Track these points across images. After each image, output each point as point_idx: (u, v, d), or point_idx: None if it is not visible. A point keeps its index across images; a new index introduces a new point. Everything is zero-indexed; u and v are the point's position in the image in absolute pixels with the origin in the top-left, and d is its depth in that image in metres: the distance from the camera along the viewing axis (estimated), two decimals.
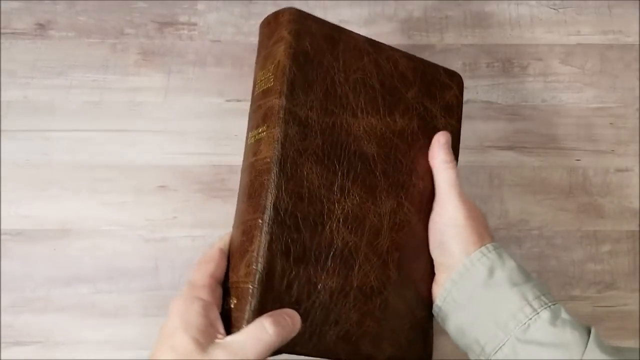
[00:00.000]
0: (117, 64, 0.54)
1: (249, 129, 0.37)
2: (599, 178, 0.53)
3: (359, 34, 0.40)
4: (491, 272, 0.35)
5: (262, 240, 0.33)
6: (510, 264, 0.36)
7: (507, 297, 0.34)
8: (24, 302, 0.50)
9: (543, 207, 0.52)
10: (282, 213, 0.33)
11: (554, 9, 0.56)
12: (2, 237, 0.50)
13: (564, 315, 0.34)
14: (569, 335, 0.32)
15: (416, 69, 0.42)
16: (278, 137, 0.34)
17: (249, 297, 0.32)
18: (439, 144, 0.39)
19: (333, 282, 0.35)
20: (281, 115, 0.34)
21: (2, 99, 0.53)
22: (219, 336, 0.30)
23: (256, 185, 0.35)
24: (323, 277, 0.35)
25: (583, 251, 0.52)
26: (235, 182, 0.52)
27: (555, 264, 0.51)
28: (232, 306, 0.33)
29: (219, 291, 0.34)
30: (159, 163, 0.52)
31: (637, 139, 0.53)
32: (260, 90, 0.37)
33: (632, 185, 0.53)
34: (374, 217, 0.37)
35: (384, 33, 0.55)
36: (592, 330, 0.33)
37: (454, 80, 0.44)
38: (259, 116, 0.36)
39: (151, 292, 0.50)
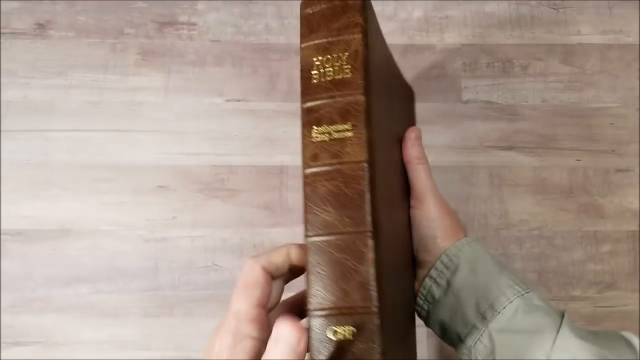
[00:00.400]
0: (116, 64, 0.54)
1: (313, 123, 0.33)
2: (599, 178, 0.53)
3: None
4: (466, 266, 0.36)
5: (373, 257, 0.29)
6: (484, 256, 0.37)
7: (482, 290, 0.35)
8: (23, 302, 0.50)
9: (543, 207, 0.52)
10: (379, 225, 0.30)
11: (554, 8, 0.56)
12: (2, 237, 0.50)
13: (536, 302, 0.34)
14: (541, 321, 0.33)
15: (401, 81, 0.42)
16: (368, 139, 0.31)
17: (376, 322, 0.28)
18: (412, 140, 0.39)
19: (397, 296, 0.34)
20: (368, 115, 0.31)
21: (2, 99, 0.53)
22: None
23: (350, 193, 0.30)
24: (394, 290, 0.33)
25: (583, 251, 0.52)
26: (234, 182, 0.52)
27: (556, 264, 0.51)
28: (346, 336, 0.29)
29: (266, 321, 0.30)
30: (159, 163, 0.52)
31: (638, 139, 0.53)
32: (328, 79, 0.33)
33: (633, 185, 0.53)
34: (399, 228, 0.36)
35: (384, 33, 0.55)
36: (565, 315, 0.34)
37: (413, 97, 0.46)
38: (335, 111, 0.32)
39: (151, 292, 0.50)
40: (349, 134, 0.31)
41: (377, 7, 0.55)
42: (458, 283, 0.36)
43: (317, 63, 0.33)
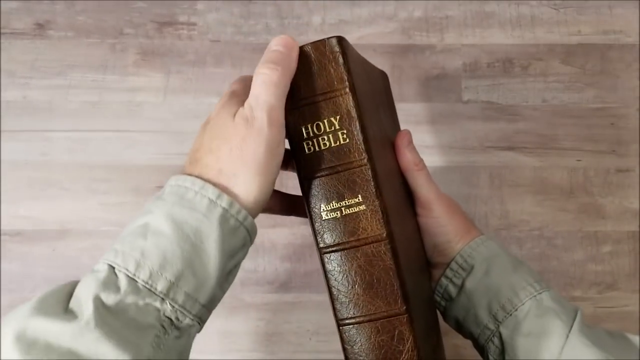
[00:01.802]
0: (116, 64, 0.53)
1: (321, 201, 0.30)
2: (600, 178, 0.53)
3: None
4: (480, 266, 0.36)
5: (414, 337, 0.29)
6: (499, 256, 0.36)
7: (495, 289, 0.35)
8: (23, 302, 0.49)
9: (543, 207, 0.52)
10: (411, 298, 0.29)
11: (555, 8, 0.56)
12: (2, 237, 0.50)
13: (547, 303, 0.34)
14: (551, 324, 0.32)
15: (377, 76, 0.39)
16: (383, 211, 0.29)
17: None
18: (405, 145, 0.36)
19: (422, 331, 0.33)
20: (378, 184, 0.29)
21: (1, 99, 0.52)
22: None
23: (377, 272, 0.29)
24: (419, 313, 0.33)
25: (584, 252, 0.51)
26: None
27: (556, 265, 0.51)
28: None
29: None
30: (158, 163, 0.52)
31: (638, 139, 0.53)
32: (323, 149, 0.29)
33: (633, 185, 0.53)
34: (410, 248, 0.34)
35: (384, 33, 0.55)
36: (577, 317, 0.33)
37: (388, 81, 0.44)
38: (340, 185, 0.29)
39: None
40: (361, 208, 0.29)
41: (378, 7, 0.55)
42: (472, 284, 0.35)
43: (306, 130, 0.30)
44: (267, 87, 0.28)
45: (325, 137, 0.29)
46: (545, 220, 0.52)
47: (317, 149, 0.30)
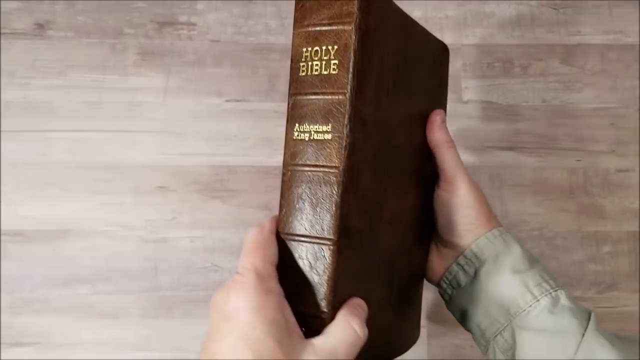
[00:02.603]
0: (116, 64, 0.53)
1: (297, 120, 0.31)
2: (600, 178, 0.53)
3: (397, 6, 0.35)
4: (496, 258, 0.35)
5: (335, 271, 0.29)
6: (515, 250, 0.36)
7: (508, 284, 0.34)
8: (23, 302, 0.50)
9: (543, 207, 0.52)
10: (349, 232, 0.29)
11: (555, 8, 0.56)
12: (2, 237, 0.50)
13: (563, 301, 0.34)
14: (567, 323, 0.32)
15: (428, 46, 0.38)
16: (347, 145, 0.29)
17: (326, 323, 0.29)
18: (438, 123, 0.37)
19: (383, 291, 0.33)
20: (351, 117, 0.29)
21: (1, 99, 0.52)
22: (298, 335, 0.27)
23: (320, 196, 0.29)
24: (376, 288, 0.33)
25: (584, 252, 0.51)
26: (234, 182, 0.52)
27: (556, 265, 0.51)
28: (304, 331, 0.29)
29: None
30: (158, 163, 0.52)
31: (638, 140, 0.53)
32: (315, 74, 0.30)
33: (633, 185, 0.53)
34: (404, 213, 0.35)
35: None
36: (592, 317, 0.33)
37: (445, 55, 0.42)
38: (317, 110, 0.30)
39: (150, 292, 0.50)
40: (328, 136, 0.29)
41: None
42: (486, 275, 0.35)
43: (306, 54, 0.31)
44: (350, 348, 0.27)
45: (319, 63, 0.30)
46: (545, 220, 0.52)
47: (308, 72, 0.31)
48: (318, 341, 0.27)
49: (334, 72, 0.30)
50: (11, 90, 0.53)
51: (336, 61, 0.29)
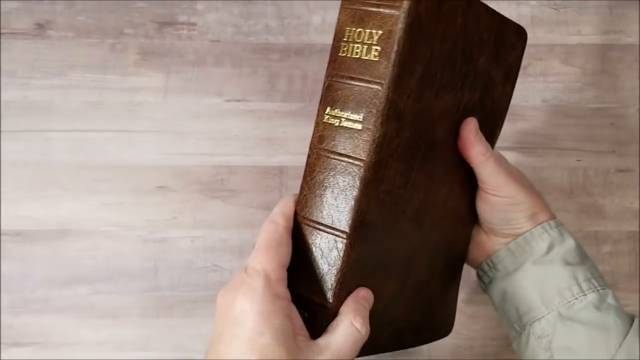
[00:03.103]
0: (116, 64, 0.53)
1: (329, 103, 0.29)
2: (600, 178, 0.53)
3: None
4: (550, 248, 0.35)
5: (345, 265, 0.28)
6: (570, 242, 0.36)
7: (557, 274, 0.34)
8: (23, 302, 0.50)
9: None
10: (366, 227, 0.29)
11: (555, 8, 0.56)
12: (2, 237, 0.50)
13: (610, 300, 0.34)
14: (612, 321, 0.33)
15: (492, 28, 0.34)
16: (377, 139, 0.27)
17: (328, 318, 0.29)
18: (472, 134, 0.34)
19: (394, 285, 0.33)
20: (385, 110, 0.27)
21: (1, 99, 0.52)
22: (305, 337, 0.27)
23: (341, 187, 0.29)
24: (386, 282, 0.32)
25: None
26: (234, 182, 0.52)
27: None
28: (306, 316, 0.29)
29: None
30: (158, 163, 0.52)
31: (638, 139, 0.53)
32: (354, 56, 0.28)
33: (633, 185, 0.53)
34: (432, 209, 0.34)
35: None
36: (636, 321, 0.33)
37: (520, 39, 0.37)
38: (352, 96, 0.28)
39: (150, 292, 0.50)
40: (358, 126, 0.28)
41: None
42: (535, 264, 0.35)
43: (349, 34, 0.29)
44: (353, 346, 0.28)
45: (360, 47, 0.28)
46: None
47: (348, 54, 0.29)
48: (322, 341, 0.27)
49: (374, 59, 0.27)
50: (11, 90, 0.53)
51: (378, 48, 0.27)
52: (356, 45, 0.28)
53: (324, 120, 0.29)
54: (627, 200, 0.52)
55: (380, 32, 0.27)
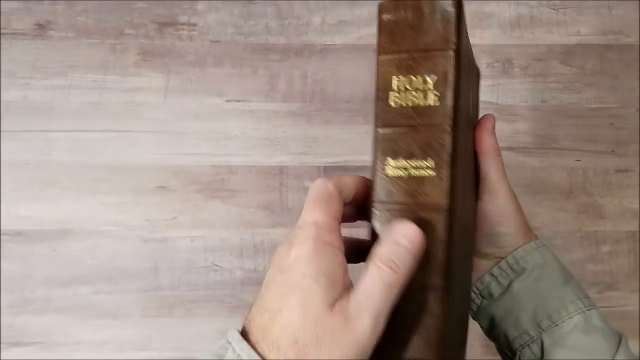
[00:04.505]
0: (116, 65, 0.54)
1: (388, 153, 0.29)
2: (599, 178, 0.53)
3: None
4: (532, 271, 0.35)
5: (445, 314, 0.27)
6: (553, 264, 0.35)
7: (543, 298, 0.34)
8: (23, 302, 0.50)
9: (543, 207, 0.52)
10: (454, 278, 0.28)
11: (554, 9, 0.56)
12: (2, 237, 0.50)
13: (595, 321, 0.33)
14: (599, 344, 0.32)
15: (472, 63, 0.37)
16: (451, 182, 0.27)
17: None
18: (489, 129, 0.36)
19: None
20: (453, 154, 0.27)
21: (2, 100, 0.53)
22: (345, 285, 0.26)
23: (426, 242, 0.28)
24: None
25: (583, 252, 0.51)
26: (234, 182, 0.52)
27: None
28: None
29: (341, 235, 0.28)
30: (159, 163, 0.52)
31: (637, 140, 0.53)
32: (411, 105, 0.29)
33: (632, 185, 0.53)
34: (463, 231, 0.33)
35: None
36: (622, 341, 0.33)
37: (479, 78, 0.39)
38: (415, 143, 0.28)
39: (150, 292, 0.50)
40: (429, 173, 0.28)
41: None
42: (520, 287, 0.35)
43: (397, 83, 0.29)
44: (383, 290, 0.25)
45: (415, 94, 0.28)
46: (545, 220, 0.52)
47: (403, 104, 0.29)
48: (357, 287, 0.26)
49: (434, 104, 0.28)
50: (12, 90, 0.53)
51: (437, 92, 0.28)
52: (409, 93, 0.28)
53: (387, 173, 0.29)
54: (627, 200, 0.52)
55: (435, 76, 0.28)
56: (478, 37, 0.55)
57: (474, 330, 0.38)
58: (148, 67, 0.54)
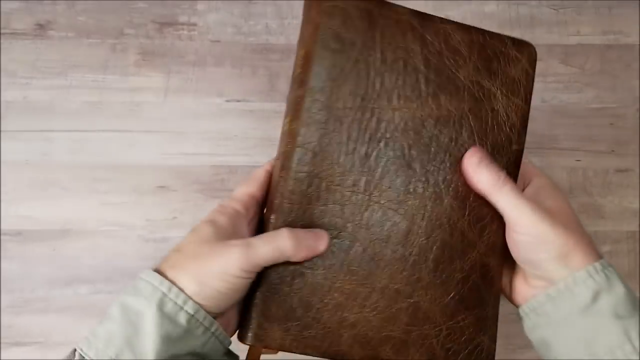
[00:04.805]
0: (116, 64, 0.54)
1: (285, 114, 0.35)
2: (599, 178, 0.53)
3: (404, 7, 0.35)
4: (596, 297, 0.31)
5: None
6: (619, 290, 0.31)
7: (607, 329, 0.30)
8: (23, 302, 0.50)
9: None
10: (289, 212, 0.32)
11: (554, 9, 0.56)
12: (2, 237, 0.50)
13: None
14: None
15: (473, 43, 0.36)
16: (295, 134, 0.32)
17: None
18: (473, 167, 0.33)
19: (351, 283, 0.33)
20: (302, 109, 0.32)
21: (2, 99, 0.53)
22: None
23: (275, 180, 0.34)
24: (340, 277, 0.33)
25: None
26: (234, 182, 0.52)
27: None
28: None
29: (254, 210, 0.34)
30: (159, 163, 0.52)
31: (637, 139, 0.53)
32: (292, 76, 0.35)
33: (632, 185, 0.53)
34: (405, 213, 0.34)
35: None
36: None
37: (524, 52, 0.38)
38: (288, 105, 0.34)
39: None
40: (287, 127, 0.33)
41: None
42: (581, 313, 0.31)
43: (295, 61, 0.35)
44: (274, 252, 0.30)
45: (295, 66, 0.34)
46: None
47: (294, 74, 0.35)
48: (248, 238, 0.31)
49: (297, 72, 0.34)
50: (12, 90, 0.53)
51: (301, 63, 0.33)
52: (295, 66, 0.35)
53: (282, 129, 0.35)
54: (627, 200, 0.52)
55: (302, 51, 0.33)
56: None
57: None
58: (148, 66, 0.54)
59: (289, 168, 0.33)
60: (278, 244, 0.30)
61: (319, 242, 0.32)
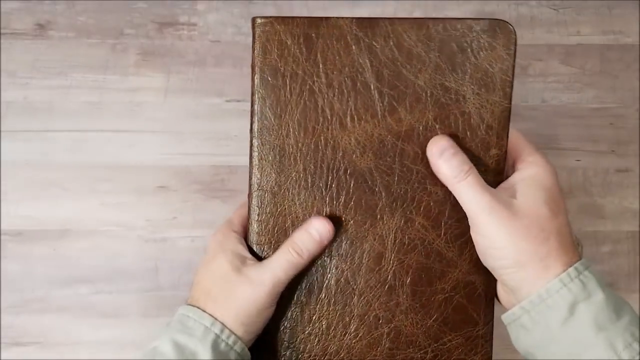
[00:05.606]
0: (116, 64, 0.54)
1: None
2: (599, 178, 0.53)
3: (346, 18, 0.33)
4: (572, 308, 0.28)
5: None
6: (597, 297, 0.29)
7: (591, 342, 0.28)
8: (23, 302, 0.50)
9: None
10: (260, 252, 0.34)
11: (554, 9, 0.56)
12: (2, 237, 0.50)
13: None
14: None
15: (431, 39, 0.32)
16: (251, 177, 0.34)
17: None
18: (436, 157, 0.31)
19: (329, 313, 0.34)
20: (253, 153, 0.33)
21: (1, 99, 0.53)
22: (250, 261, 0.34)
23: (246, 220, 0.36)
24: (317, 308, 0.34)
25: (583, 252, 0.51)
26: (234, 182, 0.52)
27: None
28: None
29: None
30: (159, 163, 0.52)
31: (637, 139, 0.53)
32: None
33: (632, 185, 0.53)
34: (374, 239, 0.33)
35: None
36: None
37: (498, 36, 0.32)
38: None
39: (151, 292, 0.50)
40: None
41: (377, 7, 0.56)
42: (560, 325, 0.29)
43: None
44: (287, 268, 0.32)
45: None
46: None
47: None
48: (261, 261, 0.34)
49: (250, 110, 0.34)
50: (11, 90, 0.53)
51: (250, 100, 0.34)
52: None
53: None
54: (627, 200, 0.52)
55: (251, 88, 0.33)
56: None
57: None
58: (148, 67, 0.54)
59: (252, 211, 0.34)
60: (292, 261, 0.32)
61: (323, 239, 0.33)
